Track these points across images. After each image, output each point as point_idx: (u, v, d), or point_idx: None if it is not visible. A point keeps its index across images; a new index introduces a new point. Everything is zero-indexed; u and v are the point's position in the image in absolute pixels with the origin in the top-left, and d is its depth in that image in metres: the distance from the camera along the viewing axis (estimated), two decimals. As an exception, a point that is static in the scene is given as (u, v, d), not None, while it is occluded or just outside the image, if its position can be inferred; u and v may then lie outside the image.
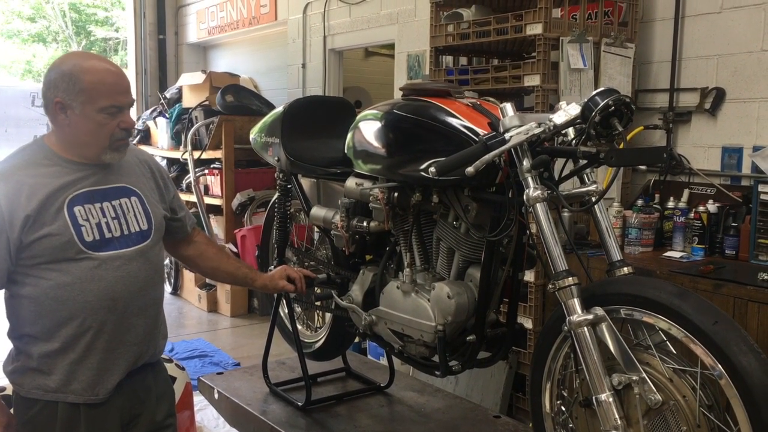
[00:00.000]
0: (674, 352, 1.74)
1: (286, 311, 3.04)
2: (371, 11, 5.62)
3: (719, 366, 1.56)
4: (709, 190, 3.52)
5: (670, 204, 3.52)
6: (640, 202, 3.59)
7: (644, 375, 1.66)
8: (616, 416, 1.66)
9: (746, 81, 3.42)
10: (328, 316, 3.09)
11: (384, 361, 3.31)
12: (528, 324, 3.37)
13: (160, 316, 2.07)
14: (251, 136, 3.09)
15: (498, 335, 2.25)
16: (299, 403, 2.87)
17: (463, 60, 4.21)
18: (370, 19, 5.65)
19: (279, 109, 2.91)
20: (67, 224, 1.82)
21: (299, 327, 3.19)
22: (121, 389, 1.94)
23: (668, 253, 3.34)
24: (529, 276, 3.34)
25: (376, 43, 6.13)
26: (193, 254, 2.30)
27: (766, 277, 2.80)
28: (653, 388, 1.64)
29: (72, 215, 1.83)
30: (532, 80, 3.40)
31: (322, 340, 3.09)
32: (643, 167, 3.61)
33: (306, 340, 3.16)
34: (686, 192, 3.57)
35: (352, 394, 3.04)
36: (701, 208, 3.36)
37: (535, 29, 3.36)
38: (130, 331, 1.93)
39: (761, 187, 3.11)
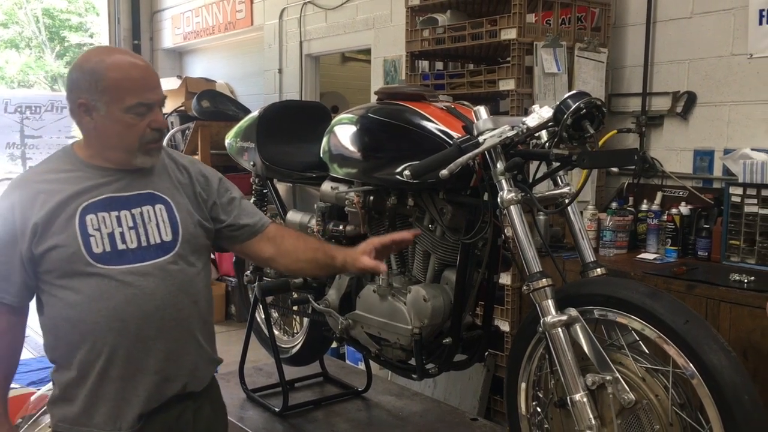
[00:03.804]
0: (647, 351, 1.76)
1: (263, 316, 3.03)
2: (347, 16, 5.63)
3: (691, 365, 1.58)
4: (681, 193, 3.57)
5: (644, 206, 3.56)
6: (614, 204, 3.63)
7: (617, 375, 1.67)
8: (591, 416, 1.67)
9: (717, 85, 3.48)
10: (305, 320, 3.08)
11: (362, 365, 3.31)
12: (505, 326, 3.39)
13: (193, 340, 1.79)
14: (226, 141, 3.07)
15: (474, 338, 2.26)
16: (276, 409, 2.85)
17: (439, 65, 4.23)
18: (346, 24, 5.66)
19: (254, 113, 2.91)
20: (75, 234, 1.64)
21: (276, 332, 3.17)
22: (152, 424, 1.73)
23: (642, 255, 3.38)
24: (505, 279, 3.35)
25: (353, 49, 6.15)
26: (272, 254, 1.99)
27: (737, 277, 2.84)
28: (626, 387, 1.65)
29: (83, 224, 1.65)
30: (507, 85, 3.42)
31: (299, 345, 3.08)
32: (615, 170, 3.64)
33: (283, 346, 3.15)
34: (659, 195, 3.62)
35: (330, 398, 3.03)
36: (674, 211, 3.41)
37: (509, 34, 3.39)
38: (148, 357, 1.71)
39: (732, 190, 3.16)
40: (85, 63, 1.69)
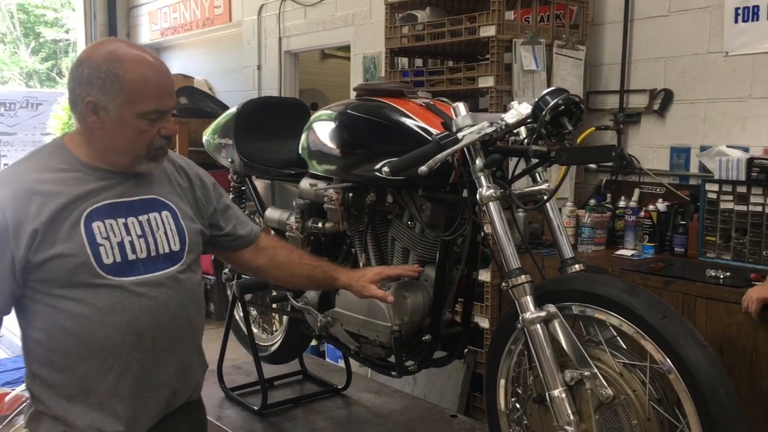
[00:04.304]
0: (624, 347, 1.77)
1: (242, 315, 3.01)
2: (326, 13, 5.61)
3: (668, 360, 1.58)
4: (658, 190, 3.60)
5: (622, 203, 3.59)
6: (592, 201, 3.65)
7: (595, 370, 1.68)
8: (569, 412, 1.68)
9: (693, 82, 3.51)
10: (284, 318, 3.06)
11: (342, 363, 3.30)
12: (485, 323, 3.40)
13: (197, 350, 1.77)
14: (204, 138, 3.04)
15: (453, 334, 2.26)
16: (255, 408, 2.84)
17: (419, 62, 4.23)
18: (325, 21, 5.63)
19: (232, 110, 2.88)
20: (83, 243, 1.53)
21: (255, 330, 3.15)
22: None
23: (620, 252, 3.41)
24: (485, 276, 3.36)
25: (332, 45, 6.13)
26: (263, 264, 1.97)
27: (713, 273, 2.87)
28: (604, 383, 1.66)
29: (90, 232, 1.54)
30: (486, 82, 3.43)
31: (278, 343, 3.06)
32: (593, 166, 3.67)
33: (262, 344, 3.13)
34: (637, 191, 3.65)
35: (309, 396, 3.01)
36: (651, 207, 3.44)
37: (488, 31, 3.40)
38: (160, 371, 1.63)
39: (708, 186, 3.19)
40: (99, 58, 1.56)
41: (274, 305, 2.85)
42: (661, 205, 3.44)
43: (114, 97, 1.54)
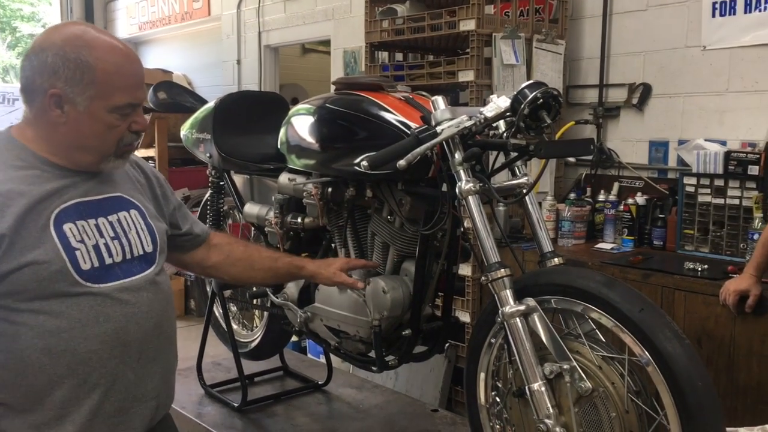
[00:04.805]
0: (603, 340, 1.77)
1: (221, 311, 2.98)
2: (306, 7, 5.58)
3: (646, 353, 1.59)
4: (637, 183, 3.62)
5: (601, 197, 3.61)
6: (572, 195, 3.66)
7: (574, 363, 1.68)
8: (549, 405, 1.68)
9: (671, 77, 3.53)
10: (264, 314, 3.04)
11: (324, 358, 3.29)
12: (466, 318, 3.40)
13: (175, 356, 1.66)
14: (182, 133, 3.01)
15: (434, 329, 2.25)
16: (235, 404, 2.82)
17: (399, 56, 4.21)
18: (305, 15, 5.60)
19: (210, 104, 2.85)
20: (56, 247, 1.38)
21: (235, 326, 3.13)
22: None
23: (600, 245, 3.42)
24: (466, 270, 3.36)
25: (312, 40, 6.09)
26: (218, 261, 1.87)
27: (691, 266, 2.89)
28: (583, 376, 1.66)
29: (62, 235, 1.39)
30: (466, 76, 3.43)
31: (258, 339, 3.04)
32: (572, 160, 3.69)
33: (242, 340, 3.11)
34: (616, 185, 3.67)
35: (290, 393, 3.00)
36: (630, 201, 3.46)
37: (468, 25, 3.39)
38: (146, 383, 1.52)
39: (686, 180, 3.22)
40: (66, 46, 1.39)
41: (254, 301, 2.83)
42: (640, 199, 3.46)
43: (84, 89, 1.40)
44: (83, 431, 1.43)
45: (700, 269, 2.85)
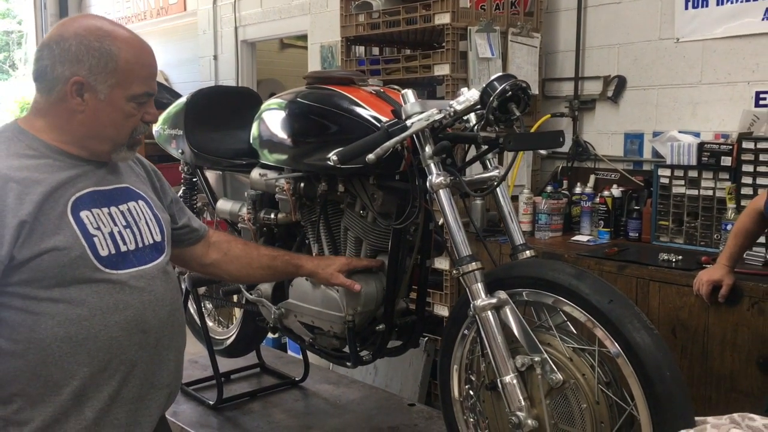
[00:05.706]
0: (574, 332, 1.77)
1: (195, 308, 2.96)
2: (283, 2, 5.54)
3: (615, 344, 1.59)
4: (613, 176, 3.64)
5: (578, 189, 3.62)
6: (549, 188, 3.67)
7: (546, 356, 1.68)
8: (521, 398, 1.68)
9: (645, 69, 3.54)
10: (239, 311, 3.02)
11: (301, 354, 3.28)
12: (444, 312, 3.39)
13: (185, 343, 1.68)
14: (154, 129, 2.97)
15: (408, 323, 2.25)
16: (210, 402, 2.80)
17: (376, 50, 4.19)
18: (282, 9, 5.56)
19: (182, 99, 2.82)
20: (75, 234, 1.40)
21: (210, 324, 3.11)
22: None
23: (576, 237, 3.43)
24: (444, 264, 3.36)
25: (289, 35, 6.06)
26: (216, 259, 1.90)
27: (666, 257, 2.91)
28: (554, 368, 1.67)
29: (80, 222, 1.42)
30: (442, 69, 3.42)
31: (234, 336, 3.02)
32: (543, 152, 3.70)
33: (217, 337, 3.09)
34: (592, 177, 3.68)
35: (267, 389, 2.99)
36: (606, 193, 3.47)
37: (443, 19, 3.38)
38: (162, 370, 1.55)
39: (661, 171, 3.23)
40: (89, 35, 1.43)
41: (228, 298, 2.81)
42: (616, 191, 3.47)
43: (107, 77, 1.44)
44: (102, 418, 1.45)
45: (674, 260, 2.87)
